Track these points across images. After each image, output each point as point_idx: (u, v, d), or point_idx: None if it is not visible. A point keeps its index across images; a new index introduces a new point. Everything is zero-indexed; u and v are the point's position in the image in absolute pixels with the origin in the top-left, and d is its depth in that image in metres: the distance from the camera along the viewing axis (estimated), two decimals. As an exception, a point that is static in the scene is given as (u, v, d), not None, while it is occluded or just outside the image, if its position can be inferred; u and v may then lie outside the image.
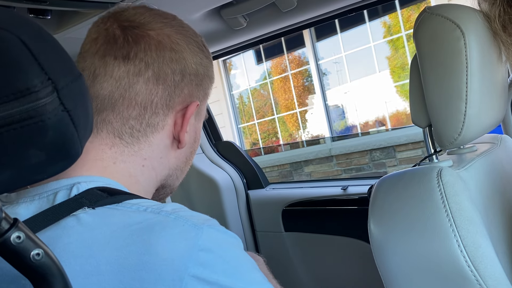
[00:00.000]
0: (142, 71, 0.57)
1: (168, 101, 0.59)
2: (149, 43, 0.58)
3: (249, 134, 6.34)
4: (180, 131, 0.61)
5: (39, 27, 0.42)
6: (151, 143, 0.60)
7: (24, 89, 0.38)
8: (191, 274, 0.46)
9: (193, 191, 1.86)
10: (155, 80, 0.58)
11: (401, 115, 5.15)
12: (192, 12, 1.16)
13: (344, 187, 1.53)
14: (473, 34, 0.66)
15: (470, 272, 0.60)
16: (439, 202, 0.63)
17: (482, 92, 0.68)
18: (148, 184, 0.62)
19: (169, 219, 0.49)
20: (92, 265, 0.46)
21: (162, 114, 0.59)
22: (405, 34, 4.90)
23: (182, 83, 0.60)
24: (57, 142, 0.41)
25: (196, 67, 0.62)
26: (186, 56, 0.61)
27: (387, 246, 0.68)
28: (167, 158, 0.62)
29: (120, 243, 0.46)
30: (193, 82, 0.62)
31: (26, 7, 0.93)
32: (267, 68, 6.03)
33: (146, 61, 0.57)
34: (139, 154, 0.59)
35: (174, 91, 0.59)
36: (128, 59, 0.57)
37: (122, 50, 0.57)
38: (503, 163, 0.82)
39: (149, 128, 0.59)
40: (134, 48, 0.57)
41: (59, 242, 0.47)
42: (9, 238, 0.38)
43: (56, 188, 0.52)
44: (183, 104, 0.61)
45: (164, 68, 0.58)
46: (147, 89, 0.57)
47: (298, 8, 1.21)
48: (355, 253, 1.45)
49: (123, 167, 0.58)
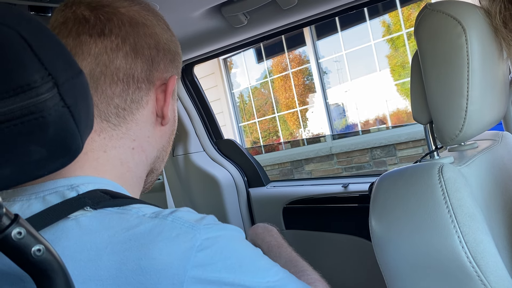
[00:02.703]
0: (120, 45, 0.57)
1: (148, 75, 0.59)
2: (121, 19, 0.58)
3: (249, 132, 6.33)
4: (163, 106, 0.62)
5: (40, 23, 0.42)
6: (138, 120, 0.60)
7: (25, 85, 0.38)
8: (191, 276, 0.46)
9: (194, 189, 1.86)
10: (133, 54, 0.58)
11: (402, 113, 5.14)
12: (192, 9, 1.16)
13: (344, 185, 1.53)
14: (474, 31, 0.66)
15: (471, 268, 0.60)
16: (440, 199, 0.63)
17: (483, 89, 0.67)
18: (140, 169, 0.61)
19: (166, 222, 0.49)
20: (91, 270, 0.46)
21: (144, 88, 0.59)
22: (406, 32, 4.89)
23: (158, 57, 0.60)
24: (57, 138, 0.41)
25: (167, 43, 0.63)
26: (158, 31, 0.61)
27: (388, 243, 0.68)
28: (154, 137, 0.63)
29: (118, 248, 0.46)
30: (167, 58, 0.62)
31: (27, 5, 0.93)
32: (267, 67, 6.03)
33: (122, 36, 0.57)
34: (128, 135, 0.59)
35: (152, 65, 0.60)
36: (104, 35, 0.56)
37: (96, 28, 0.56)
38: (504, 159, 0.82)
39: (134, 104, 0.59)
40: (107, 24, 0.57)
41: (57, 245, 0.46)
42: (10, 234, 0.38)
43: (53, 188, 0.52)
44: (161, 79, 0.61)
45: (140, 42, 0.58)
46: (126, 63, 0.57)
47: (298, 6, 1.21)
48: (356, 251, 1.45)
49: (114, 155, 0.58)
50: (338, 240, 1.50)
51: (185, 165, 1.85)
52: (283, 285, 0.53)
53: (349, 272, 1.50)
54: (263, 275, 0.51)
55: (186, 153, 1.84)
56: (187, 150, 1.84)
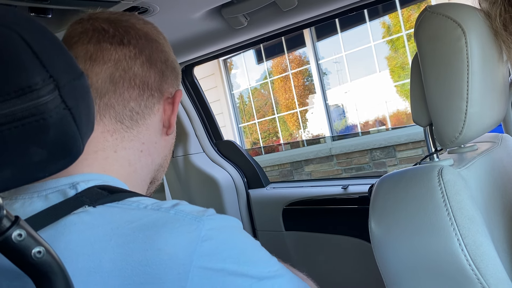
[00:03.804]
0: (137, 55, 0.62)
1: (159, 85, 0.64)
2: (138, 33, 0.63)
3: (249, 133, 6.33)
4: (170, 115, 0.67)
5: (41, 25, 0.42)
6: (148, 125, 0.64)
7: (26, 87, 0.38)
8: (197, 265, 0.47)
9: (193, 190, 1.86)
10: (149, 64, 0.63)
11: (401, 114, 5.14)
12: (192, 11, 1.16)
13: (344, 186, 1.53)
14: (474, 33, 0.66)
15: (471, 270, 0.60)
16: (440, 201, 0.63)
17: (483, 91, 0.68)
18: (145, 171, 0.65)
19: (169, 214, 0.50)
20: (95, 262, 0.46)
21: (157, 96, 0.64)
22: (406, 33, 4.89)
23: (167, 71, 0.66)
24: (58, 140, 0.41)
25: (174, 62, 0.69)
26: (167, 50, 0.67)
27: (387, 245, 0.68)
28: (160, 145, 0.67)
29: (122, 240, 0.47)
30: (173, 74, 0.68)
31: (27, 6, 0.93)
32: (267, 68, 6.03)
33: (139, 47, 0.62)
34: (138, 138, 0.63)
35: (162, 77, 0.65)
36: (123, 44, 0.61)
37: (116, 38, 0.61)
38: (504, 162, 0.82)
39: (147, 109, 0.63)
40: (126, 36, 0.62)
41: (60, 240, 0.47)
42: (10, 236, 0.38)
43: (55, 186, 0.52)
44: (168, 92, 0.66)
45: (154, 55, 0.64)
46: (143, 71, 0.62)
47: (298, 7, 1.21)
48: (356, 252, 1.45)
49: (123, 155, 0.61)
50: (338, 241, 1.50)
51: (184, 166, 1.85)
52: (282, 275, 0.55)
53: (349, 273, 1.50)
54: (264, 264, 0.53)
55: (185, 154, 1.84)
56: (186, 151, 1.84)
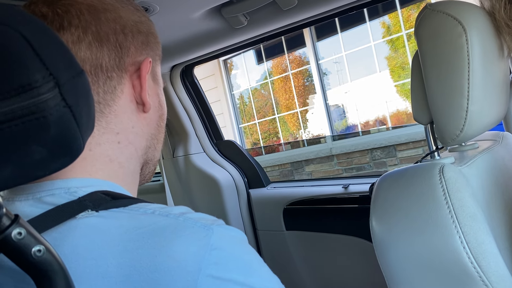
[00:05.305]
0: (81, 36, 0.54)
1: (117, 62, 0.57)
2: (79, 8, 0.55)
3: (250, 134, 6.33)
4: (140, 91, 0.59)
5: (41, 23, 0.42)
6: (117, 112, 0.57)
7: (26, 85, 0.37)
8: (206, 274, 0.46)
9: (194, 190, 1.85)
10: (98, 43, 0.55)
11: (402, 114, 5.14)
12: (192, 10, 1.15)
13: (345, 186, 1.53)
14: (475, 30, 0.66)
15: (472, 268, 0.60)
16: (441, 199, 0.63)
17: (484, 89, 0.67)
18: (132, 164, 0.60)
19: (178, 221, 0.49)
20: (102, 267, 0.45)
21: (116, 77, 0.57)
22: (405, 33, 4.89)
23: (126, 42, 0.58)
24: (59, 138, 0.41)
25: (136, 24, 0.59)
26: (123, 15, 0.58)
27: (389, 243, 0.68)
28: (139, 127, 0.60)
29: (131, 246, 0.46)
30: (137, 40, 0.59)
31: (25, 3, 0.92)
32: (267, 68, 6.03)
33: (82, 26, 0.54)
34: (109, 129, 0.57)
35: (121, 51, 0.57)
36: (63, 29, 0.54)
37: (54, 23, 0.54)
38: (505, 160, 0.82)
39: (108, 95, 0.56)
40: (65, 17, 0.54)
41: (65, 243, 0.46)
42: (10, 235, 0.37)
43: (50, 189, 0.51)
44: (135, 65, 0.59)
45: (103, 29, 0.56)
46: (91, 53, 0.55)
47: (298, 6, 1.21)
48: (357, 251, 1.45)
49: (100, 152, 0.56)
50: (339, 241, 1.50)
51: (185, 166, 1.85)
52: None
53: (350, 273, 1.50)
54: (268, 279, 0.52)
55: (186, 154, 1.84)
56: (187, 151, 1.84)
